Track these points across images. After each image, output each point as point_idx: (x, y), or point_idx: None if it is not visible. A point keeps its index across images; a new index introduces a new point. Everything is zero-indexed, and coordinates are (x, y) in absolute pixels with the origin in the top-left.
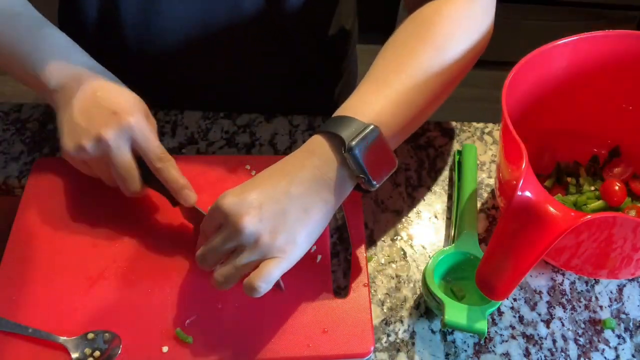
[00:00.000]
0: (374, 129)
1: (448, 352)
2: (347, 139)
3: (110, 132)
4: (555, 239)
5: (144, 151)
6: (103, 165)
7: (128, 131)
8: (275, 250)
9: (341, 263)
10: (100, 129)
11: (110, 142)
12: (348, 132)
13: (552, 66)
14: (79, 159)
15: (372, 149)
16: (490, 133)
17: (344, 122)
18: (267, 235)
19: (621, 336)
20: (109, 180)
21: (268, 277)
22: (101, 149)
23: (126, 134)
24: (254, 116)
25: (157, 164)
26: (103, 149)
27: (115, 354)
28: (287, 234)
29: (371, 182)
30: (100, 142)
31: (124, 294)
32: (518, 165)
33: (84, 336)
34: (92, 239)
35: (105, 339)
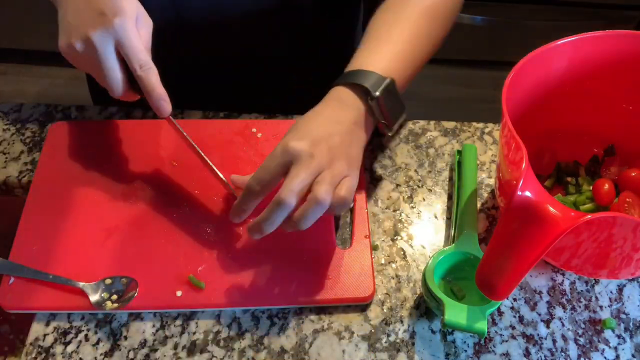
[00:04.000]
0: (391, 80)
1: (448, 352)
2: (372, 89)
3: (96, 34)
4: (555, 239)
5: (127, 56)
6: (91, 64)
7: (112, 33)
8: (347, 168)
9: (343, 215)
10: (88, 30)
11: (95, 43)
12: (370, 82)
13: (552, 66)
14: (71, 56)
15: (389, 97)
16: (490, 133)
17: (364, 74)
18: (336, 160)
19: (621, 336)
20: (98, 79)
21: (352, 188)
22: (88, 50)
23: (110, 35)
24: (253, 116)
25: (138, 71)
26: (90, 49)
27: (131, 297)
28: (349, 156)
29: (389, 127)
30: (87, 42)
31: (139, 244)
32: (518, 165)
33: (102, 281)
34: (108, 195)
35: (123, 282)
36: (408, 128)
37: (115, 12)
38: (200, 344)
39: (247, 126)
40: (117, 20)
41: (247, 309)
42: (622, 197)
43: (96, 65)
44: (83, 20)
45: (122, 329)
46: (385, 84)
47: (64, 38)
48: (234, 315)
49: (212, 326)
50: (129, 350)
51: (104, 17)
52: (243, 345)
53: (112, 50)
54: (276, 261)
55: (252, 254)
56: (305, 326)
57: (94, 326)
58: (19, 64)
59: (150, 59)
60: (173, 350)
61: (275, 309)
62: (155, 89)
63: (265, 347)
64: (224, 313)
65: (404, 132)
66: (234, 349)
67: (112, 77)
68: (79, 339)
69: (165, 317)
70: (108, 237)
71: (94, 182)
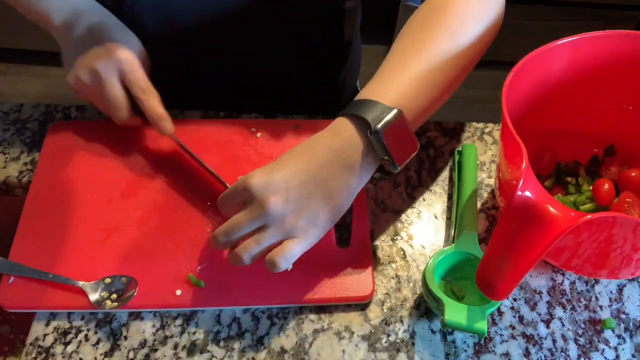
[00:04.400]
0: (397, 112)
1: (448, 352)
2: (373, 122)
3: (102, 64)
4: (555, 239)
5: (130, 82)
6: (98, 95)
7: (117, 64)
8: (298, 231)
9: (343, 216)
10: (93, 62)
11: (101, 73)
12: (373, 115)
13: (552, 66)
14: (78, 88)
15: (395, 131)
16: (490, 133)
17: (367, 105)
18: (292, 216)
19: (621, 336)
20: (104, 109)
21: (289, 256)
22: (94, 79)
23: (115, 66)
24: (253, 116)
25: (140, 94)
26: (96, 79)
27: (131, 296)
28: (311, 216)
29: (394, 165)
30: (93, 72)
31: (139, 244)
32: (518, 165)
33: (102, 280)
34: (108, 194)
35: (122, 282)
36: None
37: (119, 45)
38: (200, 344)
39: (247, 126)
40: (121, 52)
41: (247, 309)
42: (622, 197)
43: (102, 94)
44: (89, 54)
45: (122, 329)
46: (390, 116)
47: (72, 71)
48: (234, 315)
49: (212, 326)
50: (129, 350)
51: (109, 49)
52: (243, 345)
53: (115, 78)
54: None
55: None
56: (305, 326)
57: (94, 326)
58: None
59: (150, 84)
60: (173, 350)
61: (275, 309)
62: (157, 110)
63: (265, 347)
64: (224, 313)
65: None
66: (234, 349)
67: (117, 103)
68: (79, 339)
69: (165, 317)
70: (108, 237)
71: (94, 182)
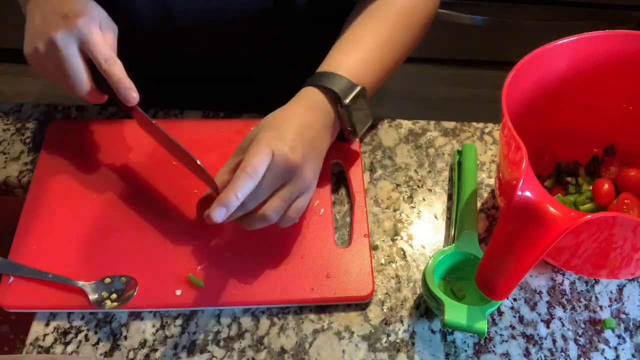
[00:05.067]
0: (362, 89)
1: (448, 352)
2: (343, 96)
3: (59, 34)
4: (555, 239)
5: (91, 53)
6: (56, 68)
7: (76, 33)
8: (309, 185)
9: (343, 215)
10: (51, 32)
11: (58, 44)
12: (340, 87)
13: (552, 66)
14: (36, 61)
15: (358, 106)
16: (490, 133)
17: (335, 78)
18: (308, 171)
19: (621, 336)
20: (65, 83)
21: (301, 210)
22: (51, 50)
23: (74, 35)
24: (253, 116)
25: (103, 64)
26: (52, 50)
27: (131, 296)
28: (314, 170)
29: (355, 133)
30: (49, 43)
31: (139, 243)
32: (518, 165)
33: (102, 280)
34: (108, 194)
35: (122, 281)
36: (408, 128)
37: (78, 14)
38: (200, 344)
39: (247, 126)
40: (79, 20)
41: (247, 309)
42: (621, 198)
43: (60, 67)
44: (47, 24)
45: (122, 329)
46: (355, 91)
47: (28, 43)
48: (234, 315)
49: (212, 326)
50: (129, 350)
51: (67, 19)
52: (243, 345)
53: (75, 49)
54: (276, 260)
55: (251, 253)
56: (305, 326)
57: (94, 326)
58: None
59: (114, 54)
60: (173, 350)
61: (275, 308)
62: (122, 80)
63: (265, 347)
64: (224, 313)
65: (404, 132)
66: (234, 349)
67: (76, 76)
68: (79, 339)
69: (165, 317)
70: (107, 237)
71: (94, 182)
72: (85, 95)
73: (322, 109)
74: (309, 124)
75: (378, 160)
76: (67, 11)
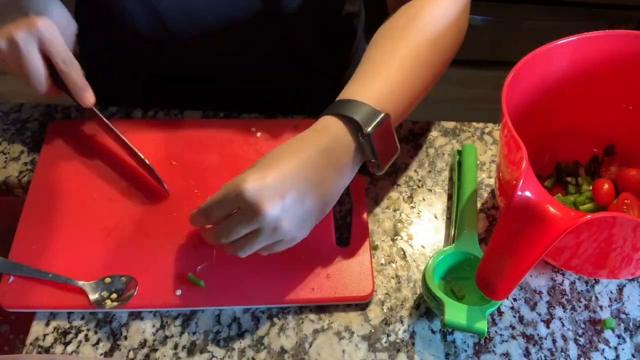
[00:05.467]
0: (385, 115)
1: (448, 352)
2: (363, 123)
3: (20, 33)
4: (555, 239)
5: (50, 53)
6: (17, 65)
7: (36, 33)
8: (289, 235)
9: (343, 216)
10: (12, 30)
11: (19, 43)
12: (361, 115)
13: (552, 66)
14: None
15: (382, 134)
16: (490, 133)
17: (354, 105)
18: (285, 221)
19: (621, 336)
20: (24, 80)
21: (273, 252)
22: (12, 49)
23: (34, 35)
24: (253, 116)
25: (61, 65)
26: (14, 48)
27: (131, 296)
28: (303, 219)
29: (379, 167)
30: (11, 42)
31: (139, 243)
32: (518, 165)
33: (102, 280)
34: (108, 194)
35: (122, 281)
36: (408, 128)
37: (39, 13)
38: (200, 344)
39: (247, 126)
40: (40, 21)
41: (247, 309)
42: (621, 199)
43: (21, 65)
44: (9, 23)
45: (122, 329)
46: (378, 119)
47: None
48: (234, 315)
49: (212, 326)
50: (129, 350)
51: (28, 18)
52: (243, 345)
53: (34, 49)
54: (275, 260)
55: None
56: (305, 326)
57: (94, 326)
58: None
59: (72, 56)
60: (173, 350)
61: (275, 308)
62: (77, 81)
63: (265, 347)
64: (224, 313)
65: (404, 132)
66: (234, 349)
67: (35, 75)
68: (79, 339)
69: (165, 317)
70: (107, 236)
71: (94, 182)
72: (41, 93)
73: (338, 139)
74: (312, 163)
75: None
76: (29, 10)
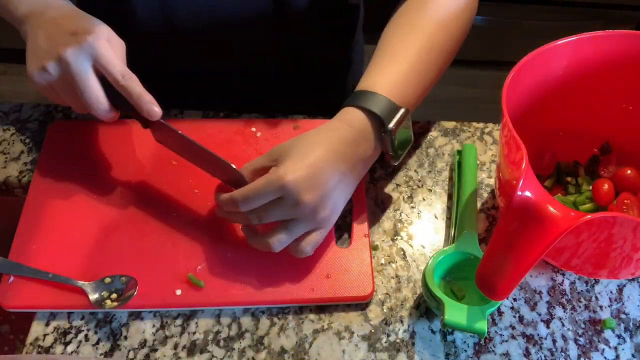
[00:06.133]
0: (405, 110)
1: (448, 352)
2: (386, 120)
3: (70, 51)
4: (555, 239)
5: (105, 69)
6: (68, 88)
7: (88, 49)
8: (325, 222)
9: (343, 216)
10: (60, 49)
11: (69, 61)
12: (384, 112)
13: (552, 66)
14: (44, 82)
15: (402, 129)
16: (490, 133)
17: (377, 100)
18: (321, 210)
19: (621, 336)
20: (78, 105)
21: (316, 244)
22: (62, 69)
23: (86, 52)
24: (253, 116)
25: (121, 81)
26: (64, 68)
27: (131, 296)
28: (334, 206)
29: (397, 158)
30: (60, 61)
31: (139, 243)
32: (518, 165)
33: (102, 280)
34: (108, 194)
35: (122, 281)
36: None
37: (87, 30)
38: (200, 344)
39: (247, 126)
40: (90, 37)
41: (247, 309)
42: (621, 198)
43: (73, 87)
44: (55, 42)
45: (122, 329)
46: (399, 115)
47: (34, 63)
48: (234, 315)
49: (212, 326)
50: (129, 350)
51: (77, 35)
52: (243, 345)
53: (88, 66)
54: (275, 260)
55: (251, 253)
56: (305, 326)
57: (94, 326)
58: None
59: (128, 69)
60: (173, 350)
61: (275, 308)
62: (143, 94)
63: (265, 347)
64: (224, 313)
65: None
66: (234, 349)
67: (94, 95)
68: (79, 339)
69: (165, 317)
70: (107, 236)
71: (94, 182)
72: (102, 114)
73: (363, 132)
74: (344, 157)
75: (378, 160)
76: (75, 28)
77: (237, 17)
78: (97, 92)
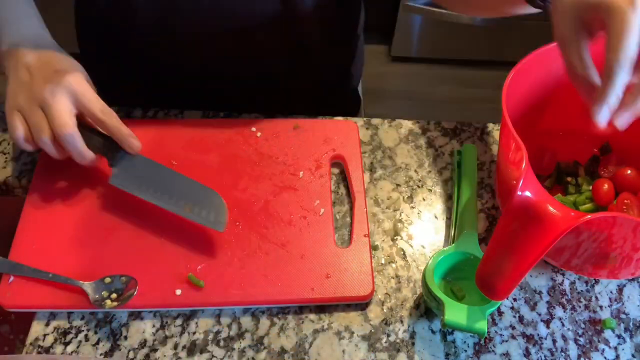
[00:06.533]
0: None
1: (448, 352)
2: None
3: (49, 87)
4: (555, 239)
5: (85, 106)
6: (44, 123)
7: (68, 87)
8: None
9: (343, 215)
10: (41, 85)
11: (48, 97)
12: None
13: (552, 66)
14: (16, 116)
15: None
16: (490, 133)
17: None
18: None
19: (621, 336)
20: (56, 149)
21: None
22: (42, 104)
23: (65, 89)
24: (253, 116)
25: (100, 115)
26: (43, 103)
27: (131, 296)
28: None
29: None
30: (41, 97)
31: (139, 243)
32: (518, 165)
33: (102, 280)
34: (107, 194)
35: (122, 281)
36: (408, 128)
37: (68, 69)
38: (200, 344)
39: (247, 126)
40: (70, 76)
41: (247, 309)
42: (621, 198)
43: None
44: (36, 79)
45: (122, 329)
46: None
47: (13, 97)
48: (234, 315)
49: (212, 326)
50: (129, 350)
51: (58, 73)
52: (243, 345)
53: (67, 101)
54: (275, 259)
55: (251, 253)
56: (305, 326)
57: (94, 326)
58: None
59: (107, 106)
60: (173, 350)
61: (275, 308)
62: (121, 128)
63: (265, 347)
64: (224, 313)
65: (404, 132)
66: (234, 349)
67: (70, 129)
68: (79, 339)
69: (165, 317)
70: (107, 236)
71: (94, 182)
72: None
73: None
74: None
75: (378, 160)
76: (57, 66)
77: (242, 18)
78: (74, 128)
